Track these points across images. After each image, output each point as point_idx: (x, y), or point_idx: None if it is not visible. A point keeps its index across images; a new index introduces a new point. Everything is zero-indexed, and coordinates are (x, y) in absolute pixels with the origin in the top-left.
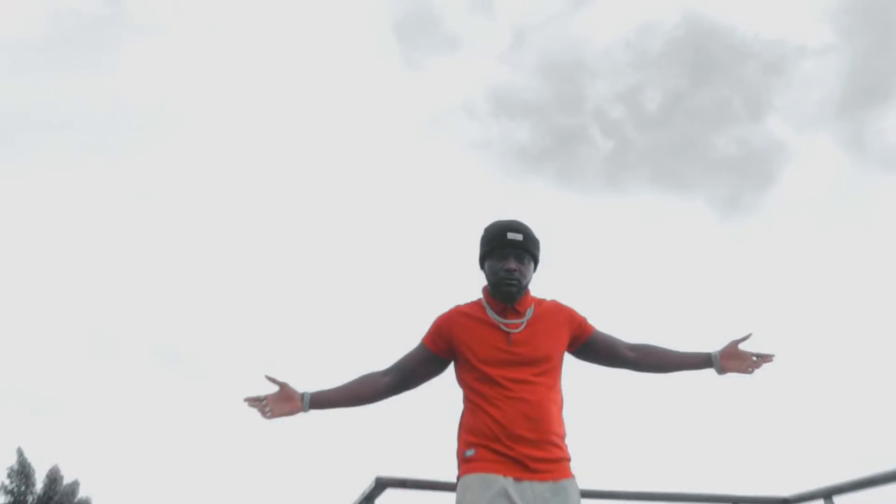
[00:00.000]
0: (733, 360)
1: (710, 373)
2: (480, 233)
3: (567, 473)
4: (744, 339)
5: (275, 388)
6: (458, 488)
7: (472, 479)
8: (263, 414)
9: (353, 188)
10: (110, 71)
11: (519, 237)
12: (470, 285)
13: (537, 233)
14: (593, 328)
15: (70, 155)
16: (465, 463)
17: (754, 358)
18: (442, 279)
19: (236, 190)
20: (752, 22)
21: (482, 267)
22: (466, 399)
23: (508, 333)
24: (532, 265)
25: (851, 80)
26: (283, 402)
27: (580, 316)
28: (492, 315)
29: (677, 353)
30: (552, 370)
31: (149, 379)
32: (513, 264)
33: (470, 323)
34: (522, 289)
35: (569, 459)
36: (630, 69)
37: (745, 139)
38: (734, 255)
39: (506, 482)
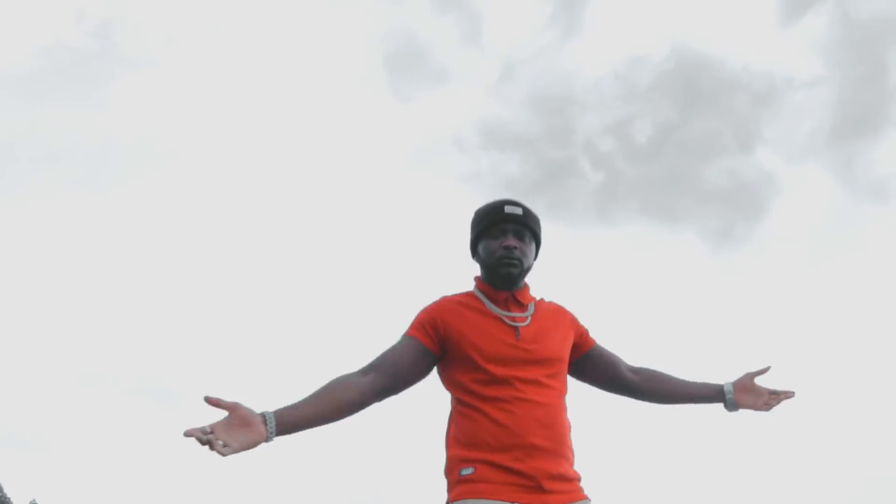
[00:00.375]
0: (748, 394)
1: (718, 408)
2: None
3: (582, 495)
4: (761, 371)
5: (223, 414)
6: None
7: None
8: (216, 448)
9: (341, 221)
10: (101, 105)
11: (518, 211)
12: None
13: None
14: (594, 341)
15: (58, 189)
16: (460, 484)
17: (770, 394)
18: None
19: (226, 224)
20: (742, 54)
21: (474, 254)
22: (460, 404)
23: (515, 327)
24: (534, 246)
25: (841, 111)
26: (238, 431)
27: (583, 325)
28: (490, 306)
29: (685, 382)
30: (562, 374)
31: (135, 413)
32: (512, 241)
33: (469, 314)
34: (524, 271)
35: (580, 480)
36: (620, 102)
37: (736, 171)
38: (726, 287)
39: None
